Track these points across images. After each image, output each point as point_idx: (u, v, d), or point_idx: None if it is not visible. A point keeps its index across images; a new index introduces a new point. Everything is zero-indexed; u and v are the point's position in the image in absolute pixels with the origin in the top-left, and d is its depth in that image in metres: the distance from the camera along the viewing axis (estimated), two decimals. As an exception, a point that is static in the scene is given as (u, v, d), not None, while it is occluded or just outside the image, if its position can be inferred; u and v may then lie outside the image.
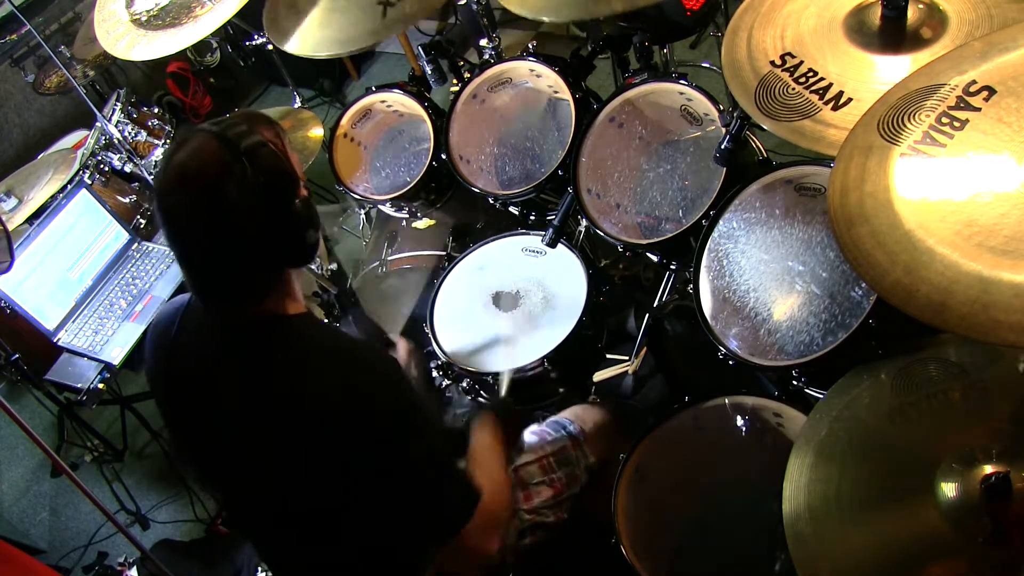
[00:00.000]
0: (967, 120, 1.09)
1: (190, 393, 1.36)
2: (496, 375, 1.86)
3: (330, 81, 4.16)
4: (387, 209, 2.39)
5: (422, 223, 2.41)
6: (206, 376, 1.32)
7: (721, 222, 1.74)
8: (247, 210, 1.16)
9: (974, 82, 1.11)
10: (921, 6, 1.38)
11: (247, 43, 2.73)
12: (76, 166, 2.92)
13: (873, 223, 1.07)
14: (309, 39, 2.23)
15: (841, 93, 1.38)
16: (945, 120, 1.10)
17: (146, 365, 1.45)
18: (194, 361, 1.35)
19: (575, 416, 1.85)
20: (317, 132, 2.48)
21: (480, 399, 1.97)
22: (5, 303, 2.57)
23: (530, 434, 1.82)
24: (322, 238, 3.30)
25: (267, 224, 1.18)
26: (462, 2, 2.37)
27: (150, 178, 2.87)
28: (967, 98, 1.11)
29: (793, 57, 1.46)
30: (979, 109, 1.09)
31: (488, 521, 1.33)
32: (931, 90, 1.14)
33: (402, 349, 1.90)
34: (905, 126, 1.13)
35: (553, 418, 1.86)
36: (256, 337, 1.27)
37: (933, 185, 1.06)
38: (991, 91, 1.09)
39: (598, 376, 1.99)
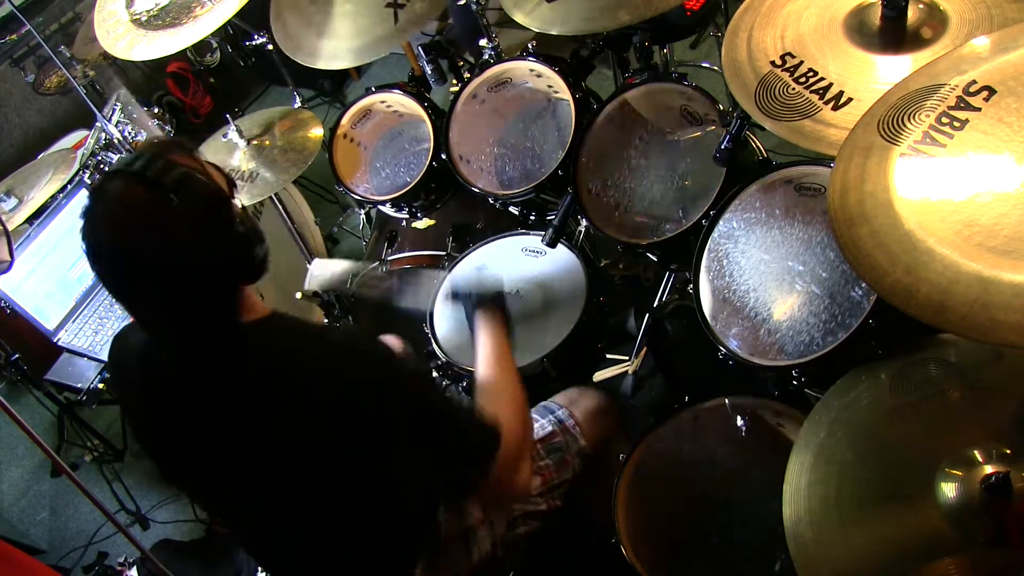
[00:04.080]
0: (967, 120, 1.09)
1: (162, 420, 1.33)
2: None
3: (330, 81, 4.15)
4: (387, 209, 2.39)
5: (422, 223, 2.41)
6: (174, 399, 1.29)
7: (721, 222, 1.74)
8: (193, 246, 1.13)
9: (974, 82, 1.11)
10: (921, 6, 1.39)
11: (247, 43, 2.72)
12: (76, 166, 2.91)
13: (873, 223, 1.07)
14: (323, 51, 2.25)
15: (841, 93, 1.38)
16: (945, 120, 1.10)
17: (113, 384, 1.41)
18: (163, 385, 1.31)
19: (565, 400, 1.84)
20: (317, 132, 2.48)
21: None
22: (5, 303, 2.57)
23: None
24: (322, 238, 3.30)
25: (216, 253, 1.15)
26: (461, 2, 2.36)
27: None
28: (967, 98, 1.11)
29: (793, 57, 1.46)
30: (979, 109, 1.09)
31: (514, 444, 1.34)
32: (931, 90, 1.14)
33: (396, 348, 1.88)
34: (905, 126, 1.13)
35: (542, 403, 1.85)
36: (217, 354, 1.23)
37: (933, 185, 1.06)
38: (991, 91, 1.09)
39: (598, 376, 1.99)
